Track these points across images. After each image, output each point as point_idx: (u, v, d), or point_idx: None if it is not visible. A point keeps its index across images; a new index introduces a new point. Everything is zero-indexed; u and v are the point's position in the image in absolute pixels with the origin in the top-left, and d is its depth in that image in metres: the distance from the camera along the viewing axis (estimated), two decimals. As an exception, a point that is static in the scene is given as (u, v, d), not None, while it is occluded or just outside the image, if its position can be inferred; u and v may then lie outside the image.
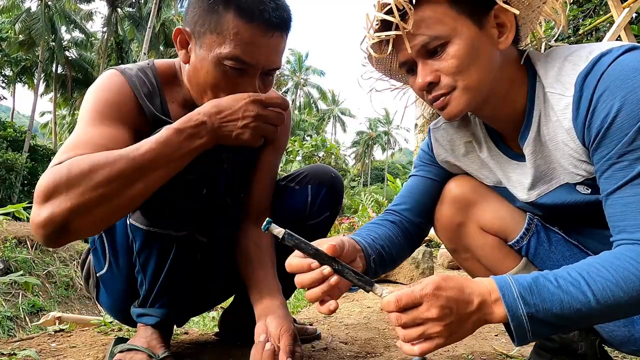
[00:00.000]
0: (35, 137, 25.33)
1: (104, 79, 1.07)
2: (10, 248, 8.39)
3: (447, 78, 0.84)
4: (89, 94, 1.05)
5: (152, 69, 1.13)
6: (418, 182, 1.14)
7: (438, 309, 0.69)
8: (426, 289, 0.70)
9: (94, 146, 0.91)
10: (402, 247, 1.06)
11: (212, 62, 0.98)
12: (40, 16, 26.16)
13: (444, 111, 0.88)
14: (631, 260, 0.71)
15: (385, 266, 1.01)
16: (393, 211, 1.11)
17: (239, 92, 1.00)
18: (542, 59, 0.88)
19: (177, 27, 1.03)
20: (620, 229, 0.76)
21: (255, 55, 0.98)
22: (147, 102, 1.07)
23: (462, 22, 0.82)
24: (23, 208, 1.48)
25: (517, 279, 0.73)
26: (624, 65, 0.74)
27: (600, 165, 0.78)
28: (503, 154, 1.00)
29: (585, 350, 1.02)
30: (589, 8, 5.61)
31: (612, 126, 0.74)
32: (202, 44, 0.99)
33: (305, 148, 10.47)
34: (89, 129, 0.97)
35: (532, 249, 1.04)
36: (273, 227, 0.75)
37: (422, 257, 3.08)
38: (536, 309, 0.70)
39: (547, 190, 0.94)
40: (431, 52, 0.84)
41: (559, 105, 0.82)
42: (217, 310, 2.89)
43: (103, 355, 1.26)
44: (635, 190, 0.74)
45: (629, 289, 0.69)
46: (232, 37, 0.95)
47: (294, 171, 1.40)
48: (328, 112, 51.70)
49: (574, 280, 0.71)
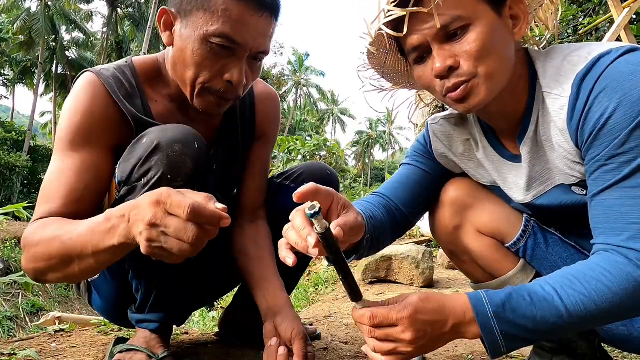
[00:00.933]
0: (35, 137, 25.35)
1: (77, 91, 1.05)
2: (10, 248, 8.39)
3: (467, 63, 0.79)
4: (63, 113, 1.06)
5: (131, 68, 1.11)
6: (411, 172, 1.11)
7: (413, 333, 0.71)
8: (404, 313, 0.71)
9: (65, 195, 0.97)
10: (388, 235, 1.05)
11: (198, 40, 0.96)
12: (40, 16, 26.16)
13: (465, 102, 0.83)
14: (605, 272, 0.71)
15: (371, 249, 1.00)
16: (383, 195, 1.07)
17: (225, 73, 0.99)
18: (541, 58, 0.87)
19: (162, 7, 1.01)
20: (600, 232, 0.76)
21: (244, 34, 0.95)
22: (127, 104, 1.05)
23: (482, 7, 0.79)
24: (23, 208, 1.47)
25: (491, 296, 0.74)
26: (622, 67, 0.73)
27: (589, 166, 0.77)
28: (499, 154, 0.99)
29: (584, 350, 1.02)
30: (588, 8, 5.61)
31: (605, 127, 0.73)
32: (189, 22, 0.97)
33: (307, 147, 10.47)
34: (63, 164, 1.01)
35: (530, 251, 1.04)
36: (320, 217, 0.66)
37: (422, 257, 3.08)
38: (509, 327, 0.72)
39: (543, 192, 0.94)
40: (449, 35, 0.80)
41: (555, 106, 0.81)
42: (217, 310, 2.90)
43: (103, 355, 1.26)
44: (620, 194, 0.73)
45: (601, 302, 0.70)
46: (221, 13, 0.93)
47: (290, 169, 1.39)
48: (328, 112, 51.73)
49: (547, 295, 0.72)
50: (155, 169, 0.94)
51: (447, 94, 0.84)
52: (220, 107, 1.06)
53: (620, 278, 0.70)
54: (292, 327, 1.04)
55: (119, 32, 29.40)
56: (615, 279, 0.70)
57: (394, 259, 3.09)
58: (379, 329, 0.72)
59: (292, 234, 0.72)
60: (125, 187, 0.98)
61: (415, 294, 0.75)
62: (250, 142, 1.30)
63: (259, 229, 1.26)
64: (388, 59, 0.98)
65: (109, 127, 1.04)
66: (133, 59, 1.14)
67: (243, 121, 1.27)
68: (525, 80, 0.88)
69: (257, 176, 1.30)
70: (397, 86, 1.03)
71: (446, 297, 0.76)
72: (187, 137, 0.97)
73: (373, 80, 1.01)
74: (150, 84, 1.12)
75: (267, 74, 36.62)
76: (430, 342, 0.73)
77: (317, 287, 3.51)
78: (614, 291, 0.70)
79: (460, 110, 0.86)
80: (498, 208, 1.06)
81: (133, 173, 0.96)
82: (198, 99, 1.03)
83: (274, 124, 1.34)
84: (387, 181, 1.13)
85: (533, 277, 1.06)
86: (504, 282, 1.06)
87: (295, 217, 0.73)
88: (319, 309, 2.42)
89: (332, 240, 0.68)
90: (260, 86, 1.32)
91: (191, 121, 1.14)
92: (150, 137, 0.96)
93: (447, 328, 0.73)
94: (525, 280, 1.05)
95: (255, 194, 1.29)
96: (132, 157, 0.97)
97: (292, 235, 0.72)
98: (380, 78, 1.02)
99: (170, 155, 0.94)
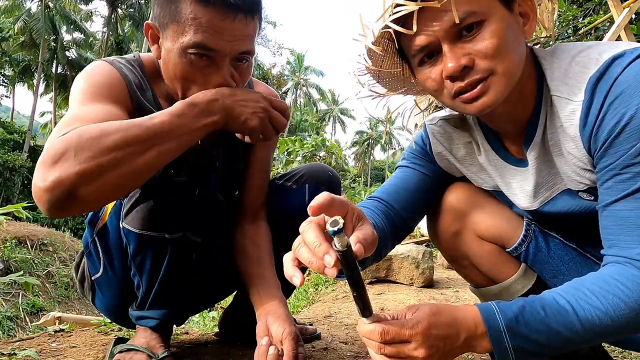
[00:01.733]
0: (35, 137, 25.35)
1: (93, 66, 1.04)
2: (10, 248, 8.40)
3: (484, 61, 0.74)
4: (79, 79, 1.01)
5: (139, 62, 1.11)
6: (410, 174, 1.06)
7: (426, 349, 0.68)
8: (417, 328, 0.68)
9: (94, 120, 0.86)
10: (389, 243, 1.01)
11: (177, 53, 0.95)
12: (40, 16, 26.16)
13: (480, 100, 0.77)
14: (621, 286, 0.69)
15: (373, 260, 0.97)
16: (381, 200, 1.02)
17: (209, 83, 0.98)
18: (547, 57, 0.82)
19: (146, 22, 1.01)
20: (613, 243, 0.74)
21: (217, 40, 0.93)
22: (139, 93, 1.05)
23: (495, 3, 0.76)
24: (23, 208, 1.47)
25: (504, 309, 0.71)
26: (639, 72, 0.69)
27: (602, 174, 0.74)
28: (502, 159, 0.95)
29: (586, 351, 1.01)
30: (588, 8, 5.61)
31: (621, 135, 0.70)
32: (167, 36, 0.97)
33: (305, 148, 10.44)
34: (84, 107, 0.92)
35: (531, 255, 1.02)
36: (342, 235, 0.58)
37: (422, 257, 3.07)
38: (522, 341, 0.70)
39: (550, 197, 0.91)
40: (463, 32, 0.75)
41: (565, 110, 0.77)
42: (217, 310, 2.90)
43: (103, 355, 1.26)
44: (635, 205, 0.71)
45: (618, 317, 0.68)
46: (191, 23, 0.92)
47: (291, 170, 1.39)
48: (328, 112, 51.70)
49: (562, 309, 0.70)
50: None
51: (457, 96, 0.79)
52: None
53: (637, 293, 0.68)
54: (283, 327, 1.03)
55: (119, 32, 29.39)
56: (632, 293, 0.68)
57: (394, 259, 3.09)
58: (389, 346, 0.68)
59: (305, 251, 0.62)
60: None
61: (425, 306, 0.72)
62: (251, 144, 1.30)
63: (258, 230, 1.26)
64: (384, 63, 0.94)
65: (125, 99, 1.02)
66: (140, 54, 1.15)
67: None
68: (533, 81, 0.84)
69: (258, 176, 1.30)
70: (392, 92, 1.00)
71: (457, 308, 0.73)
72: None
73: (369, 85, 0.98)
74: (155, 81, 1.12)
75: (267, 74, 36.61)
76: (442, 356, 0.70)
77: (317, 287, 3.51)
78: (631, 306, 0.68)
79: (470, 111, 0.80)
80: (499, 213, 1.03)
81: None
82: None
83: None
84: (384, 184, 1.08)
85: (534, 281, 1.04)
86: (506, 287, 1.04)
87: (307, 230, 0.63)
88: (319, 309, 2.42)
89: (352, 258, 0.60)
90: (262, 88, 1.32)
91: None
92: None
93: (460, 342, 0.70)
94: (526, 285, 1.04)
95: (256, 194, 1.29)
96: None
97: (304, 253, 0.62)
98: (376, 83, 0.98)
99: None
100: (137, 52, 1.16)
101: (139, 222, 1.04)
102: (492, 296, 1.06)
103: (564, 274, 1.00)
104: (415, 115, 1.07)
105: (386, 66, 0.93)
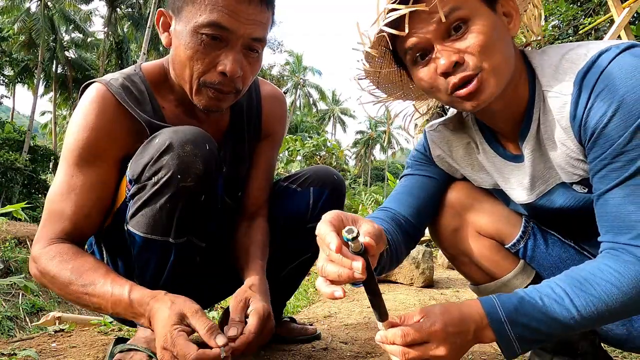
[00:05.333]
0: (35, 137, 25.36)
1: (85, 106, 1.06)
2: (10, 248, 8.39)
3: (473, 58, 0.79)
4: (71, 131, 1.06)
5: (140, 75, 1.13)
6: (415, 181, 1.09)
7: (447, 346, 0.72)
8: (435, 327, 0.72)
9: (75, 212, 1.03)
10: (403, 248, 1.03)
11: (189, 33, 0.97)
12: (40, 16, 26.17)
13: (474, 97, 0.81)
14: (614, 273, 0.72)
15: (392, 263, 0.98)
16: (390, 209, 1.04)
17: (218, 65, 0.99)
18: (537, 57, 0.87)
19: (159, 9, 1.04)
20: (608, 229, 0.77)
21: (232, 20, 0.95)
22: (138, 110, 1.07)
23: (479, 4, 0.81)
24: (22, 208, 1.47)
25: (504, 301, 0.75)
26: (624, 64, 0.73)
27: (594, 164, 0.78)
28: (500, 156, 0.98)
29: (585, 350, 1.02)
30: (588, 8, 5.61)
31: (608, 126, 0.73)
32: (181, 19, 0.99)
33: (306, 148, 10.45)
34: (72, 180, 1.04)
35: (529, 252, 1.04)
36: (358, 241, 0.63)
37: (422, 257, 3.08)
38: (523, 330, 0.73)
39: (545, 190, 0.94)
40: (451, 32, 0.80)
41: (556, 104, 0.82)
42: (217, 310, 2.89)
43: (103, 355, 1.25)
44: (627, 192, 0.74)
45: (612, 302, 0.72)
46: (208, 2, 0.95)
47: (296, 172, 1.38)
48: (328, 112, 51.69)
49: (558, 297, 0.73)
50: (165, 168, 0.96)
51: (454, 92, 0.82)
52: (221, 102, 1.06)
53: (629, 277, 0.71)
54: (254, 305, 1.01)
55: (118, 32, 29.38)
56: (624, 278, 0.72)
57: (394, 259, 3.10)
58: (413, 349, 0.71)
59: (331, 267, 0.64)
60: (136, 185, 1.00)
61: (434, 307, 0.75)
62: (257, 142, 1.30)
63: (254, 224, 1.27)
64: (383, 68, 0.97)
65: (118, 139, 1.06)
66: (142, 65, 1.16)
67: (249, 122, 1.28)
68: (525, 77, 0.88)
69: (261, 176, 1.30)
70: (391, 97, 1.03)
71: (462, 304, 0.76)
72: (199, 138, 0.99)
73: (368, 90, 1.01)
74: (158, 90, 1.13)
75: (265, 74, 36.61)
76: (460, 351, 0.74)
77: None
78: (624, 291, 0.71)
79: (468, 108, 0.84)
80: (498, 209, 1.06)
81: (144, 172, 0.98)
82: (197, 96, 1.04)
83: (280, 124, 1.34)
84: (392, 194, 1.10)
85: (533, 278, 1.06)
86: (504, 283, 1.06)
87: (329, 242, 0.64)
88: (319, 309, 2.42)
89: (367, 259, 0.65)
90: (268, 87, 1.33)
91: (200, 124, 1.15)
92: (162, 138, 0.98)
93: (471, 336, 0.74)
94: (525, 280, 1.05)
95: (258, 194, 1.29)
96: (144, 156, 0.99)
97: (331, 269, 0.64)
98: (375, 88, 1.01)
99: (181, 155, 0.96)
100: (139, 64, 1.18)
101: (144, 225, 1.03)
102: (492, 292, 1.07)
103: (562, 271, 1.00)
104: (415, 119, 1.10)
105: (384, 72, 0.97)
